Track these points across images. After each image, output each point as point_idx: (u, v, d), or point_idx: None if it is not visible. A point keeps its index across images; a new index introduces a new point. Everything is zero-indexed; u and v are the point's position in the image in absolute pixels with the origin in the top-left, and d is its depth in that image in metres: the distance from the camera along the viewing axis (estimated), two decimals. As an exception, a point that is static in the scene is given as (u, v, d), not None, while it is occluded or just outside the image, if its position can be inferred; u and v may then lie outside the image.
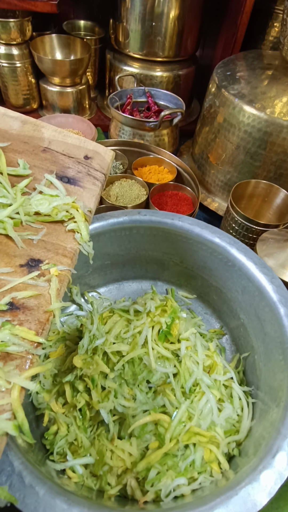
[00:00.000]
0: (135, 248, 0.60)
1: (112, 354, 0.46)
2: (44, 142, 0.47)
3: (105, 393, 0.43)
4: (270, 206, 0.74)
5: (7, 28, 0.91)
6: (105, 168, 0.48)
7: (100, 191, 0.47)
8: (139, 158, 0.86)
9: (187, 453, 0.41)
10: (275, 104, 0.70)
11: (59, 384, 0.45)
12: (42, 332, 0.34)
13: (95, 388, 0.42)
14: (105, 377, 0.44)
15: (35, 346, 0.33)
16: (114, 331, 0.49)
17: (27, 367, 0.32)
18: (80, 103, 1.07)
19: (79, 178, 0.46)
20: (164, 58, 1.01)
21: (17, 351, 0.32)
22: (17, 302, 0.35)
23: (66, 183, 0.45)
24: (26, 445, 0.37)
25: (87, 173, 0.47)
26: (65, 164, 0.47)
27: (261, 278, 0.49)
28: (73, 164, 0.47)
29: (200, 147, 0.90)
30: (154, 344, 0.47)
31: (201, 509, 0.32)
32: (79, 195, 0.45)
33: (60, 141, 0.48)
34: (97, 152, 0.49)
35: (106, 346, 0.46)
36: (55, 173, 0.45)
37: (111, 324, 0.51)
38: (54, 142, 0.48)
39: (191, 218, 0.55)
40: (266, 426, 0.40)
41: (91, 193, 0.46)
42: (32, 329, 0.34)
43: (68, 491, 0.34)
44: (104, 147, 0.49)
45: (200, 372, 0.46)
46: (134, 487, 0.39)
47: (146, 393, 0.44)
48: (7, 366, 0.31)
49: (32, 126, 0.48)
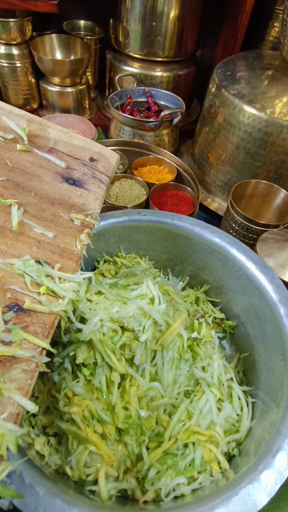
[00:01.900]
0: (135, 248, 0.60)
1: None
2: (50, 142, 0.47)
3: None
4: (270, 206, 0.74)
5: (7, 28, 0.91)
6: (110, 171, 0.48)
7: (104, 194, 0.47)
8: (139, 158, 0.86)
9: (187, 452, 0.41)
10: (275, 104, 0.70)
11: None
12: (47, 336, 0.34)
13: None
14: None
15: (40, 351, 0.33)
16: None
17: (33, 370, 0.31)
18: (80, 103, 1.07)
19: (85, 180, 0.46)
20: (164, 58, 1.01)
21: (24, 356, 0.32)
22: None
23: (72, 185, 0.45)
24: (26, 444, 0.37)
25: (92, 176, 0.46)
26: (71, 166, 0.46)
27: (261, 278, 0.49)
28: (79, 166, 0.46)
29: (200, 147, 0.90)
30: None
31: (201, 509, 0.32)
32: (84, 198, 0.45)
33: (66, 141, 0.47)
34: (102, 155, 0.48)
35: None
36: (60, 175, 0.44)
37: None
38: (60, 143, 0.47)
39: (191, 218, 0.55)
40: (266, 426, 0.40)
41: (95, 195, 0.45)
42: (38, 332, 0.34)
43: (68, 492, 0.34)
44: (109, 149, 0.49)
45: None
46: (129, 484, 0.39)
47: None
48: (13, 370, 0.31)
49: (38, 125, 0.48)
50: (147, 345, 0.42)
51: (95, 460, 0.38)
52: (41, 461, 0.37)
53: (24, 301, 0.35)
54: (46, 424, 0.42)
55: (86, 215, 0.44)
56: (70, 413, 0.38)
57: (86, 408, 0.39)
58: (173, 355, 0.45)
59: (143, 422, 0.40)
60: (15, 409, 0.29)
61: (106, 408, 0.40)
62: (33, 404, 0.29)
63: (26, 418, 0.43)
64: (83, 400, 0.39)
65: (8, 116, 0.47)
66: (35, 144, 0.46)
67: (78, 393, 0.39)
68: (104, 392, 0.40)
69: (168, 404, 0.44)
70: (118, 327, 0.41)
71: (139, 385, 0.41)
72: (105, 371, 0.40)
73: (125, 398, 0.40)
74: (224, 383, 0.48)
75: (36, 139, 0.47)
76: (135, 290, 0.45)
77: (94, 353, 0.41)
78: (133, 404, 0.40)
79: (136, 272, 0.52)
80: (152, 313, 0.42)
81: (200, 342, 0.49)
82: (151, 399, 0.42)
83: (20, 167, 0.45)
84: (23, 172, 0.44)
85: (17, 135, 0.46)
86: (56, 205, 0.43)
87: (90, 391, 0.40)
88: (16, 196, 0.42)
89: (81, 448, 0.37)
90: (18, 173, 0.44)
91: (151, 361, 0.44)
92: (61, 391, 0.40)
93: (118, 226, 0.55)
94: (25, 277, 0.36)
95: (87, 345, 0.41)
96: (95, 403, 0.39)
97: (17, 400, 0.29)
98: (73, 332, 0.41)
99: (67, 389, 0.40)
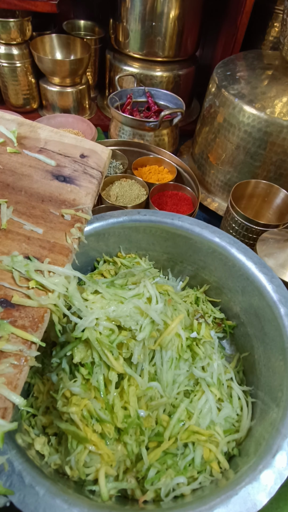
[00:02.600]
0: (135, 248, 0.60)
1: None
2: (40, 143, 0.48)
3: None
4: (270, 206, 0.74)
5: (7, 28, 0.91)
6: (102, 166, 0.49)
7: (97, 188, 0.47)
8: (139, 158, 0.86)
9: (187, 452, 0.41)
10: (275, 104, 0.70)
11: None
12: (37, 330, 0.34)
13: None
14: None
15: (29, 345, 0.33)
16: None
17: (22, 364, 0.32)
18: (80, 103, 1.07)
19: (75, 176, 0.47)
20: (164, 58, 1.01)
21: (11, 350, 0.32)
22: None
23: (62, 182, 0.46)
24: (26, 444, 0.37)
25: (83, 171, 0.47)
26: (61, 164, 0.47)
27: (261, 278, 0.49)
28: (69, 163, 0.47)
29: (200, 147, 0.90)
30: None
31: (201, 509, 0.32)
32: (75, 193, 0.45)
33: (57, 141, 0.48)
34: (93, 151, 0.49)
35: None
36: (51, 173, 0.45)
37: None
38: (50, 142, 0.48)
39: (191, 218, 0.55)
40: (266, 426, 0.40)
41: (87, 190, 0.46)
42: (27, 326, 0.34)
43: (68, 491, 0.34)
44: (101, 145, 0.50)
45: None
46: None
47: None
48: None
49: (29, 128, 0.49)
50: (145, 344, 0.42)
51: (94, 460, 0.38)
52: (41, 461, 0.37)
53: (12, 296, 0.35)
54: (46, 424, 0.42)
55: (76, 210, 0.44)
56: (69, 413, 0.38)
57: (84, 408, 0.39)
58: (172, 355, 0.45)
59: (142, 421, 0.40)
60: (2, 403, 0.29)
61: (105, 407, 0.40)
62: (21, 398, 0.30)
63: (26, 418, 0.43)
64: (81, 400, 0.39)
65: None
66: (25, 146, 0.47)
67: (75, 393, 0.39)
68: (102, 391, 0.40)
69: (168, 404, 0.44)
70: (115, 326, 0.41)
71: (138, 384, 0.41)
72: (102, 370, 0.40)
73: (124, 398, 0.40)
74: (224, 383, 0.48)
75: (27, 140, 0.48)
76: (133, 289, 0.45)
77: (91, 352, 0.41)
78: (132, 404, 0.40)
79: (134, 272, 0.52)
80: (149, 312, 0.42)
81: (199, 342, 0.49)
82: (150, 398, 0.42)
83: (10, 168, 0.46)
84: (13, 173, 0.45)
85: (7, 138, 0.47)
86: (46, 202, 0.44)
87: (88, 391, 0.40)
88: (6, 196, 0.43)
89: (81, 447, 0.37)
90: (8, 174, 0.45)
91: (150, 361, 0.44)
92: (59, 391, 0.40)
93: (118, 226, 0.55)
94: (14, 273, 0.36)
95: (84, 344, 0.41)
96: (94, 402, 0.39)
97: (5, 394, 0.30)
98: (69, 332, 0.41)
99: (64, 389, 0.40)
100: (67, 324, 0.41)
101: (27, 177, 0.45)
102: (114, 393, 0.40)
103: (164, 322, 0.45)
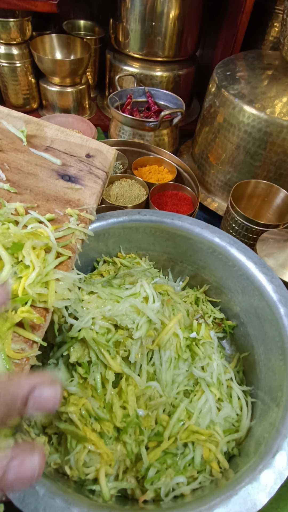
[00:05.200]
0: (134, 248, 0.60)
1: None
2: (47, 141, 0.48)
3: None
4: (270, 206, 0.74)
5: (7, 28, 0.91)
6: (107, 166, 0.49)
7: (101, 189, 0.47)
8: (139, 158, 0.86)
9: (186, 452, 0.41)
10: (275, 104, 0.70)
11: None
12: (39, 329, 0.34)
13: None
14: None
15: (30, 344, 0.33)
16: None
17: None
18: (80, 103, 1.07)
19: (81, 176, 0.47)
20: (164, 58, 1.01)
21: (14, 349, 0.32)
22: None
23: (68, 181, 0.46)
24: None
25: (88, 171, 0.47)
26: (67, 163, 0.47)
27: (261, 278, 0.49)
28: (75, 162, 0.47)
29: (200, 147, 0.90)
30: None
31: (200, 508, 0.32)
32: (80, 193, 0.45)
33: (63, 140, 0.48)
34: (99, 151, 0.49)
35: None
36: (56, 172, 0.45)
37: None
38: (56, 141, 0.48)
39: (191, 218, 0.55)
40: (266, 426, 0.40)
41: (92, 191, 0.46)
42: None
43: (68, 491, 0.34)
44: (106, 145, 0.50)
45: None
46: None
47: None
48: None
49: (36, 126, 0.49)
50: (142, 343, 0.42)
51: (94, 460, 0.38)
52: (40, 460, 0.37)
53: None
54: (46, 424, 0.42)
55: (81, 210, 0.44)
56: (67, 412, 0.38)
57: (83, 407, 0.39)
58: (170, 355, 0.45)
59: (142, 421, 0.40)
60: None
61: (103, 406, 0.40)
62: None
63: (26, 418, 0.43)
64: (79, 399, 0.39)
65: (6, 119, 0.48)
66: (32, 144, 0.47)
67: (72, 392, 0.39)
68: (99, 390, 0.40)
69: (168, 403, 0.44)
70: (111, 325, 0.41)
71: (136, 384, 0.41)
72: (99, 368, 0.40)
73: (122, 397, 0.40)
74: (223, 383, 0.48)
75: (33, 139, 0.48)
76: (129, 289, 0.45)
77: (88, 352, 0.41)
78: (130, 403, 0.40)
79: (133, 273, 0.52)
80: (145, 310, 0.42)
81: (198, 343, 0.49)
82: (149, 398, 0.42)
83: (16, 166, 0.46)
84: (19, 171, 0.45)
85: (16, 137, 0.47)
86: (51, 201, 0.44)
87: (85, 389, 0.40)
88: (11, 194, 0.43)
89: (80, 447, 0.37)
90: (14, 172, 0.45)
91: (149, 361, 0.44)
92: None
93: (118, 226, 0.55)
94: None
95: (81, 343, 0.41)
96: (92, 401, 0.39)
97: None
98: (65, 332, 0.41)
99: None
100: (63, 324, 0.41)
101: (32, 176, 0.45)
102: (112, 391, 0.40)
103: (162, 322, 0.45)
